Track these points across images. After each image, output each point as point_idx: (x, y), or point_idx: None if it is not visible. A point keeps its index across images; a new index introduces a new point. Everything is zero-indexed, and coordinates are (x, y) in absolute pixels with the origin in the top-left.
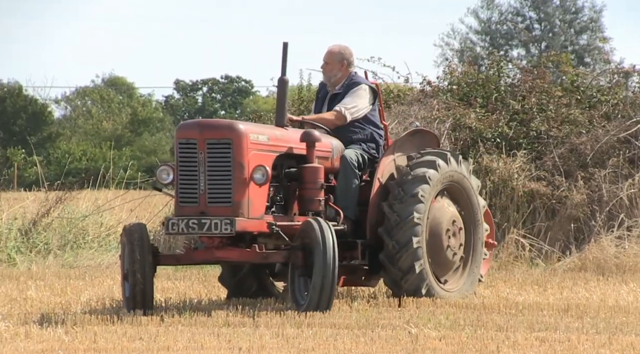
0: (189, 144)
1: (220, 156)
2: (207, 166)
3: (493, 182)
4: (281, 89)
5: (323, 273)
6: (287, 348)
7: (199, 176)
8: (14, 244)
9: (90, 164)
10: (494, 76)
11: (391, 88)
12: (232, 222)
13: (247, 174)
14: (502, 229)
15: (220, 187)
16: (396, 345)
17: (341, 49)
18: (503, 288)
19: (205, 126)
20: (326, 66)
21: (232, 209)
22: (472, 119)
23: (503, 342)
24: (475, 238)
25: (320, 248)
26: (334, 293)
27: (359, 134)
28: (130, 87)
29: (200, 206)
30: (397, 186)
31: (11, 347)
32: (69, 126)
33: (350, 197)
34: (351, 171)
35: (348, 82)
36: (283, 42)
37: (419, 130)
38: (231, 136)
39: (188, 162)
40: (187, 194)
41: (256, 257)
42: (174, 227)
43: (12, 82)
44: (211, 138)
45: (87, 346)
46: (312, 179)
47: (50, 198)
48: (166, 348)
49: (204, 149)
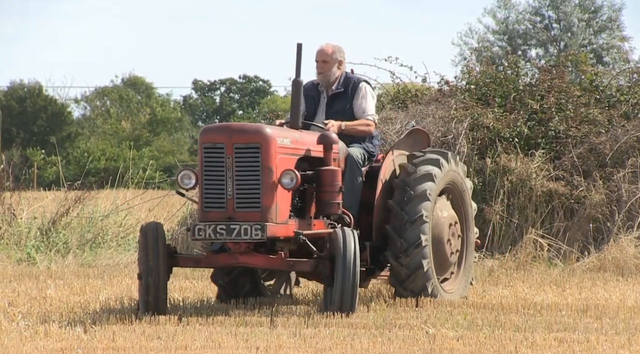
0: (215, 148)
1: (249, 161)
2: (235, 171)
3: (511, 182)
4: (296, 91)
5: (343, 279)
6: (305, 348)
7: (226, 180)
8: (34, 243)
9: (109, 163)
10: (512, 76)
11: (409, 87)
12: (263, 228)
13: (275, 179)
14: (521, 229)
15: (248, 192)
16: (413, 345)
17: (335, 48)
18: (521, 288)
19: (233, 130)
20: (325, 65)
21: (261, 214)
22: (490, 118)
23: (521, 342)
24: (468, 240)
25: (340, 254)
26: (355, 297)
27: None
28: (148, 87)
29: (227, 211)
30: (404, 184)
31: (31, 345)
32: (88, 126)
33: (356, 196)
34: (357, 169)
35: (344, 80)
36: (297, 43)
37: (414, 130)
38: (260, 140)
39: (214, 166)
40: (213, 199)
41: (283, 265)
42: (201, 233)
43: (32, 83)
44: (239, 142)
45: (106, 344)
46: (331, 182)
47: (70, 198)
48: (184, 347)
49: (232, 154)
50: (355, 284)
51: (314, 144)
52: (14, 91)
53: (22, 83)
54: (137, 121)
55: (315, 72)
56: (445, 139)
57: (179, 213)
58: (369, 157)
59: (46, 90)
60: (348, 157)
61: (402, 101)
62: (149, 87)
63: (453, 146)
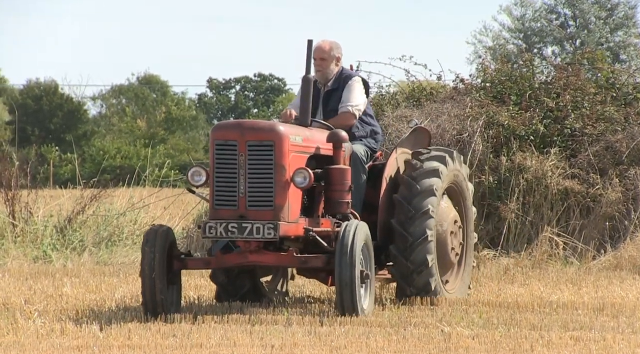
0: (227, 145)
1: (262, 158)
2: (248, 169)
3: (527, 180)
4: (305, 88)
5: (341, 276)
6: (320, 346)
7: (238, 178)
8: (50, 241)
9: (124, 162)
10: (527, 73)
11: (424, 85)
12: (275, 227)
13: (288, 177)
14: (536, 227)
15: (261, 190)
16: (429, 344)
17: (333, 45)
18: (537, 286)
19: (246, 128)
20: (323, 63)
21: (273, 213)
22: (506, 116)
23: (537, 341)
24: (467, 243)
25: (339, 251)
26: (355, 296)
27: (360, 131)
28: (164, 86)
29: (239, 209)
30: (410, 179)
31: (47, 343)
32: (104, 124)
33: (360, 193)
34: (361, 166)
35: (339, 76)
36: (308, 39)
37: (415, 128)
38: (273, 138)
39: (226, 163)
40: (225, 197)
41: (294, 262)
42: (212, 230)
43: (48, 81)
44: (253, 140)
45: (122, 342)
46: (340, 180)
47: (86, 196)
48: (199, 345)
49: (245, 151)
50: (354, 285)
51: (324, 142)
52: (30, 89)
53: (38, 81)
54: (152, 119)
55: (314, 69)
56: (460, 137)
57: (194, 211)
58: (371, 155)
59: (62, 88)
60: (352, 154)
61: (417, 99)
62: (165, 85)
63: (468, 144)
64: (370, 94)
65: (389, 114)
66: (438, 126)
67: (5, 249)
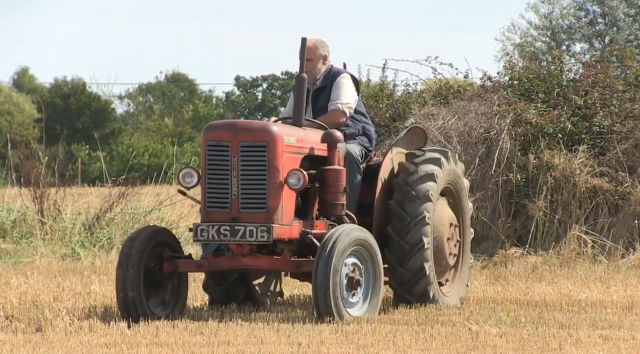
0: (220, 146)
1: (255, 160)
2: (241, 170)
3: (555, 178)
4: (300, 87)
5: (315, 282)
6: (347, 344)
7: (231, 180)
8: (78, 239)
9: (152, 160)
10: (555, 71)
11: (451, 83)
12: (269, 230)
13: (282, 179)
14: (564, 226)
15: (254, 192)
16: (456, 342)
17: (317, 43)
18: (565, 284)
19: (239, 128)
20: (309, 63)
21: (267, 216)
22: (533, 114)
23: (565, 340)
24: (464, 241)
25: (317, 256)
26: (330, 302)
27: (351, 129)
28: (191, 84)
29: (231, 211)
30: (405, 184)
31: (75, 340)
32: (132, 122)
33: (354, 194)
34: (356, 166)
35: (327, 74)
36: (302, 37)
37: (411, 127)
38: (266, 138)
39: (218, 165)
40: (217, 199)
41: (288, 266)
42: (203, 233)
43: (76, 79)
44: (245, 140)
45: (149, 340)
46: (335, 182)
47: (113, 193)
48: (226, 342)
49: (237, 152)
50: (328, 287)
51: (318, 143)
52: (58, 87)
53: (66, 80)
54: (179, 117)
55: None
56: (487, 135)
57: None
58: (366, 154)
59: (90, 87)
60: (347, 154)
61: (444, 97)
62: (192, 83)
63: (495, 142)
64: (397, 92)
65: (416, 112)
66: (465, 124)
67: (34, 247)
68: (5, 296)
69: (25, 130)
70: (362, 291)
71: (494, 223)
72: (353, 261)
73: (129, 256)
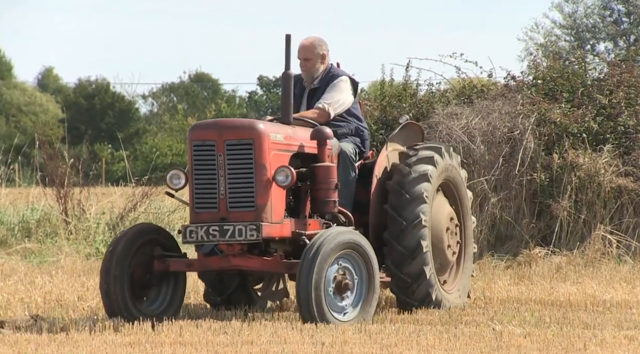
0: (205, 145)
1: (241, 158)
2: (228, 169)
3: (579, 177)
4: (286, 84)
5: (297, 285)
6: (370, 344)
7: (218, 179)
8: (102, 238)
9: (176, 159)
10: (580, 70)
11: (474, 83)
12: (258, 228)
13: (270, 176)
14: (589, 225)
15: (242, 191)
16: (480, 342)
17: (316, 42)
18: (590, 285)
19: (224, 127)
20: (307, 63)
21: (255, 214)
22: (558, 113)
23: (590, 340)
24: (466, 232)
25: (301, 260)
26: (312, 306)
27: (343, 128)
28: (215, 84)
29: (220, 211)
30: (399, 187)
31: (99, 339)
32: (155, 122)
33: (349, 192)
34: (350, 164)
35: (325, 75)
36: (286, 34)
37: (406, 123)
38: (252, 136)
39: (205, 165)
40: (205, 200)
41: (279, 267)
42: (192, 235)
43: (100, 79)
44: (231, 139)
45: (173, 339)
46: (326, 179)
47: (137, 193)
48: (250, 342)
49: (224, 151)
50: (310, 291)
51: (308, 140)
52: (82, 87)
53: (90, 80)
54: (203, 117)
55: (300, 69)
56: (511, 135)
57: None
58: (360, 153)
59: (114, 87)
60: (341, 152)
61: (468, 96)
62: (215, 83)
63: (519, 141)
64: (420, 91)
65: (439, 111)
66: (489, 124)
67: (59, 246)
68: (30, 295)
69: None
70: (354, 295)
71: (518, 223)
72: (343, 265)
73: (113, 254)
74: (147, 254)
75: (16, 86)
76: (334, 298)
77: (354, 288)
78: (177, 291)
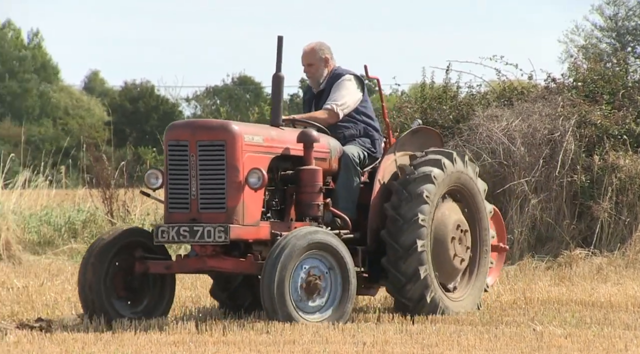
0: (179, 145)
1: (213, 159)
2: (199, 170)
3: (620, 179)
4: (276, 86)
5: (263, 282)
6: (411, 344)
7: (190, 180)
8: None
9: None
10: (620, 72)
11: (515, 85)
12: (226, 230)
13: (242, 178)
14: (630, 227)
15: (212, 192)
16: (521, 342)
17: (317, 47)
18: (631, 285)
19: (197, 127)
20: (311, 68)
21: (226, 216)
22: (598, 115)
23: (631, 341)
24: (481, 245)
25: (268, 255)
26: (276, 302)
27: (351, 130)
28: (258, 87)
29: (191, 212)
30: (401, 186)
31: (145, 338)
32: None
33: (352, 197)
34: (353, 168)
35: (330, 76)
36: (278, 36)
37: (421, 128)
38: (225, 137)
39: (178, 165)
40: (177, 200)
41: (252, 268)
42: (164, 235)
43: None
44: (203, 139)
45: (217, 338)
46: (310, 182)
47: None
48: (292, 341)
49: (196, 151)
50: (272, 290)
51: (294, 143)
52: (127, 90)
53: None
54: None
55: (305, 76)
56: (552, 137)
57: None
58: (369, 157)
59: (158, 90)
60: (343, 156)
61: (508, 98)
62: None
63: (560, 143)
64: (461, 94)
65: (479, 113)
66: (529, 126)
67: None
68: (77, 295)
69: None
70: (327, 296)
71: (559, 224)
72: (313, 265)
73: (90, 257)
74: (130, 256)
75: (63, 90)
76: (303, 298)
77: (326, 289)
78: (165, 293)
